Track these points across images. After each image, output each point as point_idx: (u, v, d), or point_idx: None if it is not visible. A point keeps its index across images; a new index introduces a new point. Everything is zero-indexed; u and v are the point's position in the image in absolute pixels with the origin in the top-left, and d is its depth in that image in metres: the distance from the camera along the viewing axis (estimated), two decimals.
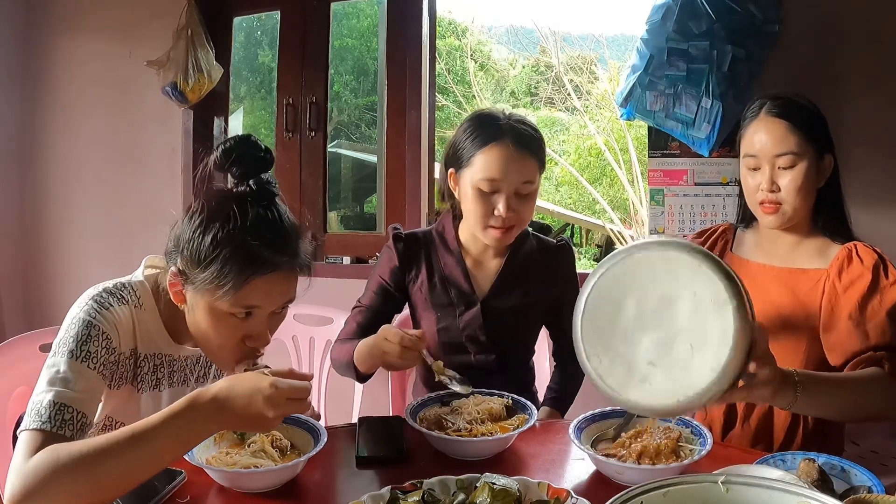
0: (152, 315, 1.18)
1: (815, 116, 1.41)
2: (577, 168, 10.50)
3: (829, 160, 1.41)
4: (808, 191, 1.38)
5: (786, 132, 1.37)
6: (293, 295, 1.16)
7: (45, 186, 3.10)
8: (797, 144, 1.36)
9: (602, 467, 1.15)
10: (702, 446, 1.14)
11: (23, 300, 3.08)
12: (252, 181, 1.10)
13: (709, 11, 2.01)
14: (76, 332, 1.07)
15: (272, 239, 1.08)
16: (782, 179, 1.38)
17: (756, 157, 1.40)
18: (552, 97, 11.48)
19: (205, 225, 1.08)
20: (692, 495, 0.75)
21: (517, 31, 13.83)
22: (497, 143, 1.45)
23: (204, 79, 2.66)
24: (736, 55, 2.02)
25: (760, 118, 1.41)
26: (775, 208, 1.39)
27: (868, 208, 2.09)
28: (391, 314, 1.64)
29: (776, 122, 1.38)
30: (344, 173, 5.76)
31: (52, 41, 3.04)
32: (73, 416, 1.00)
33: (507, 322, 1.57)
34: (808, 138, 1.37)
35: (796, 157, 1.36)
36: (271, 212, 1.11)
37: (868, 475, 1.04)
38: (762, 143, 1.39)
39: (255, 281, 1.07)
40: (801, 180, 1.36)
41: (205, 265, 1.06)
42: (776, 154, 1.37)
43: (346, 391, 2.00)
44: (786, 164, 1.37)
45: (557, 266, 1.62)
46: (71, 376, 1.02)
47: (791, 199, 1.37)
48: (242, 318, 1.10)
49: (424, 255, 1.60)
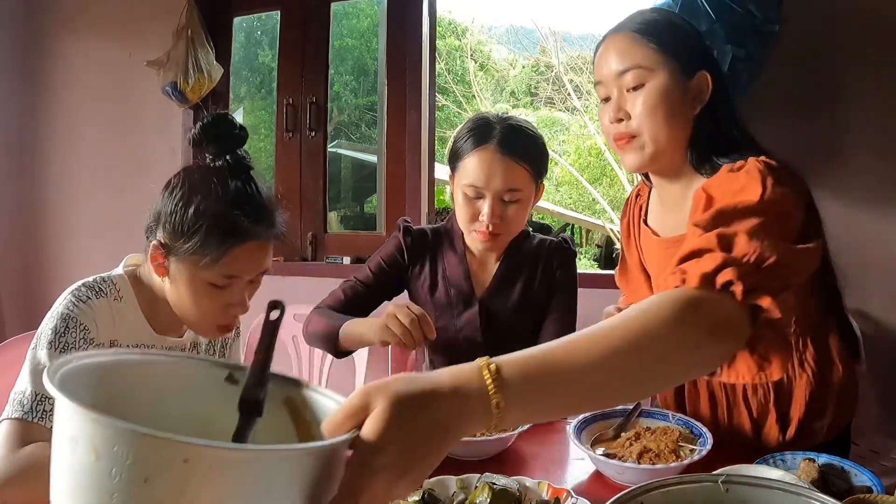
0: (132, 307, 1.22)
1: (677, 26, 1.14)
2: (577, 168, 10.51)
3: (702, 78, 1.11)
4: (668, 116, 1.09)
5: (630, 44, 1.10)
6: (269, 264, 1.21)
7: (45, 186, 3.10)
8: (644, 57, 1.09)
9: (602, 467, 1.15)
10: (702, 446, 1.14)
11: (23, 300, 3.08)
12: (229, 156, 1.15)
13: (709, 11, 2.01)
14: (54, 325, 1.11)
15: (251, 210, 1.13)
16: (632, 106, 1.10)
17: (603, 84, 1.14)
18: (552, 97, 11.49)
19: (186, 198, 1.12)
20: (692, 495, 0.75)
21: (517, 31, 13.85)
22: (482, 149, 1.43)
23: (204, 79, 2.66)
24: (736, 55, 2.02)
25: (609, 36, 1.15)
26: (628, 140, 1.12)
27: (868, 209, 2.10)
28: (381, 299, 1.63)
29: (619, 35, 1.13)
30: (344, 173, 5.77)
31: (52, 41, 3.04)
32: (53, 406, 1.02)
33: (504, 323, 1.57)
34: (663, 50, 1.10)
35: (646, 72, 1.09)
36: (249, 185, 1.16)
37: (868, 475, 1.04)
38: (606, 61, 1.13)
39: (236, 250, 1.12)
40: (655, 100, 1.08)
41: (188, 236, 1.11)
42: (619, 71, 1.11)
43: (346, 391, 2.00)
44: (633, 83, 1.10)
45: (555, 269, 1.59)
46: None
47: (645, 126, 1.09)
48: (223, 287, 1.15)
49: (430, 252, 1.60)
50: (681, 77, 1.10)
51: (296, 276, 2.72)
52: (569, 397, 0.68)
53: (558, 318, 1.56)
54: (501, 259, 1.57)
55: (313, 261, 2.83)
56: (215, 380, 0.71)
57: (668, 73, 1.09)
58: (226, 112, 1.16)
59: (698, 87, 1.11)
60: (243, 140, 1.18)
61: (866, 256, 1.41)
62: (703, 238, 0.83)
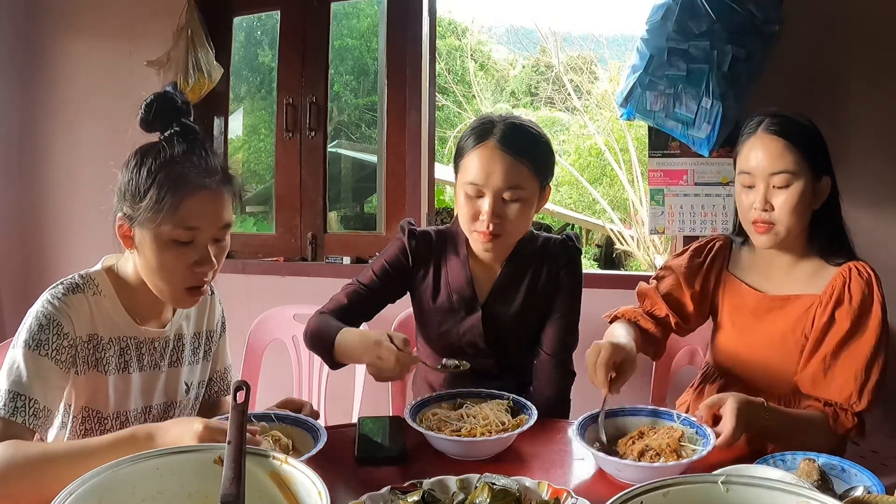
0: (111, 300, 1.25)
1: (815, 136, 1.38)
2: (577, 168, 10.50)
3: (826, 181, 1.38)
4: (802, 212, 1.36)
5: (783, 150, 1.34)
6: (229, 218, 1.25)
7: (45, 186, 3.10)
8: (793, 163, 1.33)
9: (603, 464, 1.15)
10: (704, 446, 1.14)
11: (23, 301, 3.07)
12: (176, 125, 1.22)
13: (709, 11, 2.01)
14: (29, 324, 1.16)
15: (199, 162, 1.19)
16: (776, 199, 1.35)
17: (751, 175, 1.38)
18: (552, 97, 11.48)
19: (139, 165, 1.19)
20: (692, 495, 0.75)
21: (517, 31, 13.86)
22: (482, 146, 1.41)
23: (204, 79, 2.66)
24: (736, 55, 2.02)
25: (758, 135, 1.38)
26: (767, 228, 1.37)
27: (868, 209, 2.10)
28: (384, 302, 1.60)
29: (773, 139, 1.35)
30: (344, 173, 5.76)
31: (52, 41, 3.04)
32: (26, 403, 1.09)
33: (507, 328, 1.54)
34: (806, 158, 1.34)
35: (792, 177, 1.34)
36: (197, 145, 1.22)
37: (868, 475, 1.04)
38: (758, 160, 1.37)
39: (190, 200, 1.17)
40: (796, 200, 1.34)
41: (142, 195, 1.16)
42: (771, 172, 1.35)
43: (347, 391, 2.00)
44: (781, 184, 1.34)
45: (560, 268, 1.55)
46: (24, 366, 1.11)
47: (784, 220, 1.35)
48: (186, 244, 1.19)
49: (434, 255, 1.57)
50: (813, 180, 1.36)
51: (296, 276, 2.72)
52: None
53: (560, 319, 1.55)
54: (505, 263, 1.53)
55: (313, 261, 2.82)
56: (204, 463, 0.82)
57: (807, 177, 1.35)
58: (166, 90, 1.23)
59: (822, 189, 1.38)
60: (185, 112, 1.24)
61: (867, 257, 1.42)
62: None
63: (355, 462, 1.21)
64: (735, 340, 1.51)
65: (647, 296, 1.58)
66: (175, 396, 1.35)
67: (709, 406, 1.22)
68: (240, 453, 0.78)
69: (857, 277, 1.36)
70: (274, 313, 2.17)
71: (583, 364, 1.34)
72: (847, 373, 1.32)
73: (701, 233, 2.27)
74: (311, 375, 2.10)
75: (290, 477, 0.82)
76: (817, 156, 1.36)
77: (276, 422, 1.23)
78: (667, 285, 1.57)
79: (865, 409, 1.32)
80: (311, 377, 2.10)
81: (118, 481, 0.79)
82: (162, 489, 0.82)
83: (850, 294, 1.35)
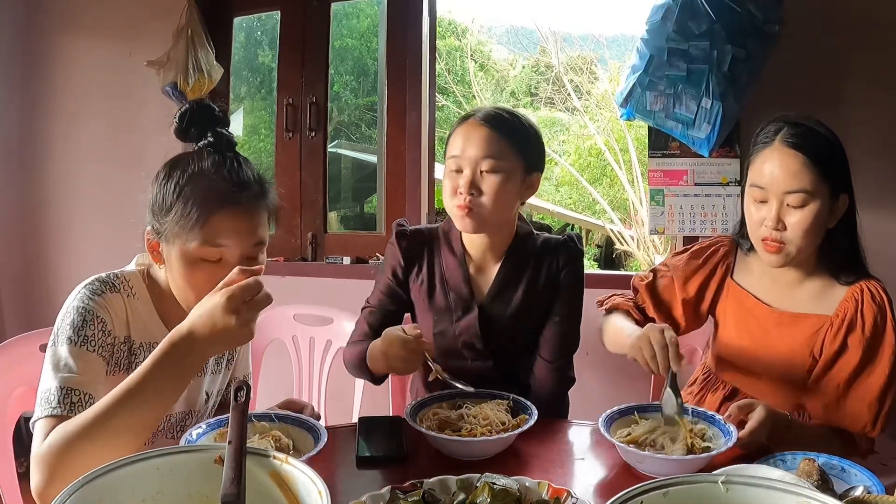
0: (145, 304, 1.21)
1: (836, 151, 1.27)
2: (577, 168, 10.50)
3: (843, 200, 1.28)
4: (816, 232, 1.26)
5: (801, 168, 1.23)
6: (263, 236, 1.18)
7: (45, 187, 3.10)
8: (812, 183, 1.23)
9: (625, 455, 1.17)
10: (725, 444, 1.15)
11: (23, 301, 3.07)
12: (210, 135, 1.16)
13: (709, 11, 2.01)
14: (72, 319, 1.10)
15: (231, 175, 1.13)
16: (790, 218, 1.25)
17: (764, 190, 1.27)
18: (552, 97, 11.47)
19: (168, 177, 1.14)
20: (692, 495, 0.75)
21: (517, 31, 13.84)
22: (464, 123, 1.46)
23: (204, 79, 2.65)
24: (736, 55, 2.02)
25: (774, 147, 1.27)
26: (778, 247, 1.27)
27: (868, 209, 2.09)
28: (400, 313, 1.61)
29: (791, 154, 1.24)
30: (344, 173, 5.75)
31: (52, 41, 3.04)
32: (81, 398, 1.04)
33: (505, 329, 1.52)
34: (825, 176, 1.23)
35: (808, 197, 1.23)
36: (230, 156, 1.16)
37: (868, 475, 1.04)
38: (773, 175, 1.25)
39: (219, 215, 1.10)
40: (811, 222, 1.24)
41: (168, 208, 1.11)
42: (787, 191, 1.24)
43: (347, 391, 2.00)
44: (796, 203, 1.24)
45: (560, 268, 1.53)
46: (72, 361, 1.06)
47: (797, 241, 1.25)
48: (215, 262, 1.12)
49: (427, 253, 1.56)
50: (829, 199, 1.26)
51: (296, 276, 2.72)
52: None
53: (559, 322, 1.53)
54: (503, 261, 1.52)
55: (313, 261, 2.82)
56: (204, 463, 0.82)
57: (824, 197, 1.24)
58: (202, 98, 1.19)
59: (840, 208, 1.28)
60: (222, 121, 1.19)
61: (867, 257, 1.41)
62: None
63: (355, 462, 1.21)
64: (739, 351, 1.45)
65: (639, 292, 1.55)
66: (195, 406, 1.31)
67: (740, 408, 1.21)
68: (240, 453, 0.78)
69: (870, 301, 1.28)
70: (274, 313, 2.16)
71: (583, 363, 1.34)
72: (861, 404, 1.28)
73: (701, 233, 2.27)
74: (311, 376, 2.10)
75: (291, 477, 0.82)
76: (837, 173, 1.26)
77: (276, 422, 1.22)
78: (660, 285, 1.53)
79: (879, 433, 1.29)
80: (311, 377, 2.10)
81: (118, 481, 0.79)
82: (162, 489, 0.82)
83: (862, 320, 1.28)
